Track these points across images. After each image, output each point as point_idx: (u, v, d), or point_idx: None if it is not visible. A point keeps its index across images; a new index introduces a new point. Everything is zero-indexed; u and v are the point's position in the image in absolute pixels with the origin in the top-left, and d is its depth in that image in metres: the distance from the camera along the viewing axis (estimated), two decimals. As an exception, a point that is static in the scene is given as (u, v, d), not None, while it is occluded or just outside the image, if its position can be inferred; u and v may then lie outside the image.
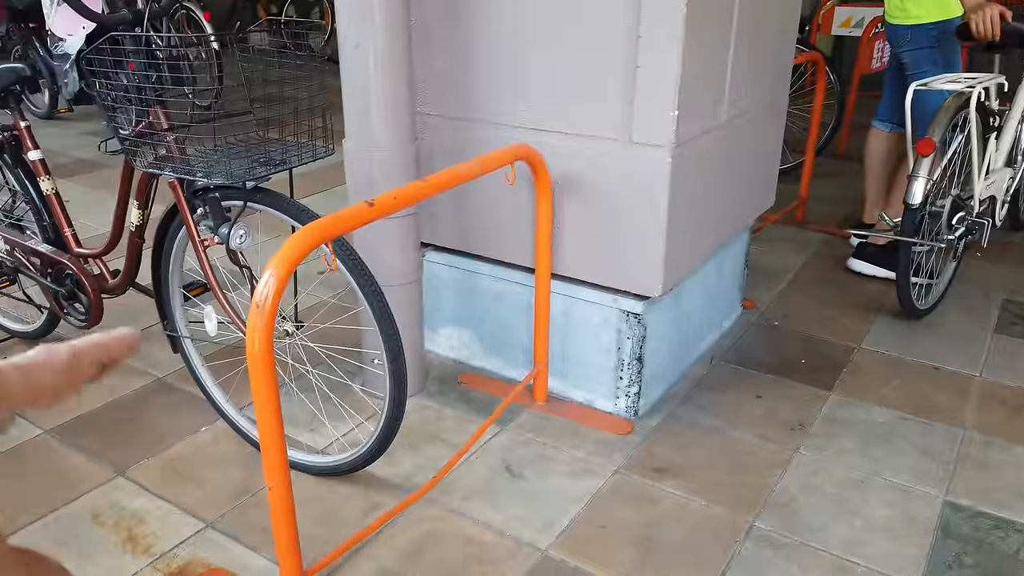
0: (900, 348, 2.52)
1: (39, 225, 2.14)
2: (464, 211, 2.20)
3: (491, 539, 1.71)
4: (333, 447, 2.02)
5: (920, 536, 1.73)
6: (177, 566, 1.64)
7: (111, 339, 0.35)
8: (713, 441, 2.04)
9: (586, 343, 2.13)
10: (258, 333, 1.26)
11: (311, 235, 1.31)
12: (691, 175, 1.95)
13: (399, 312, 2.08)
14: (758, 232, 3.41)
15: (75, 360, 0.33)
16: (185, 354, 2.02)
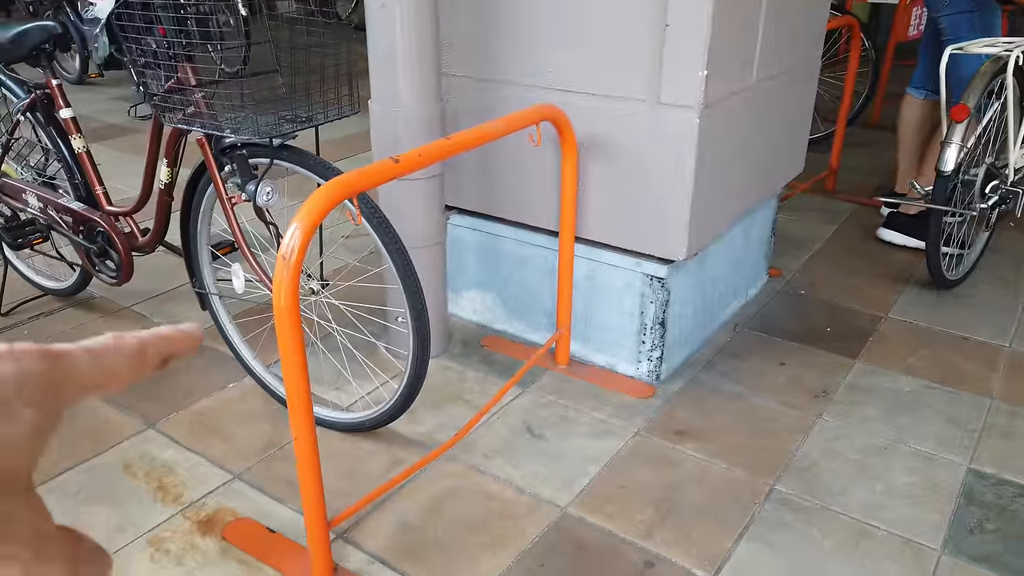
0: (928, 318, 2.49)
1: (71, 183, 2.18)
2: (489, 174, 2.19)
3: (511, 496, 1.73)
4: (357, 405, 2.05)
5: (942, 502, 1.72)
6: (205, 514, 1.68)
7: (176, 332, 0.34)
8: (735, 406, 2.04)
9: (609, 307, 2.13)
10: (284, 286, 1.28)
11: (336, 189, 1.32)
12: (719, 137, 1.93)
13: (423, 274, 2.09)
14: (786, 200, 3.36)
15: (143, 349, 0.32)
16: (213, 312, 2.06)
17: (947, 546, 1.60)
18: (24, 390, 0.28)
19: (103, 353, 0.31)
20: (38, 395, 0.28)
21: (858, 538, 1.62)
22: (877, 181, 3.64)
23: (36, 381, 0.28)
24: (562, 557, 1.57)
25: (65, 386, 0.29)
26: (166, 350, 0.33)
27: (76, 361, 0.30)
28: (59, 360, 0.29)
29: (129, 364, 0.32)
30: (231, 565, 1.55)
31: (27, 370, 0.28)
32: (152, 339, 0.33)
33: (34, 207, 2.25)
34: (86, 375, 0.30)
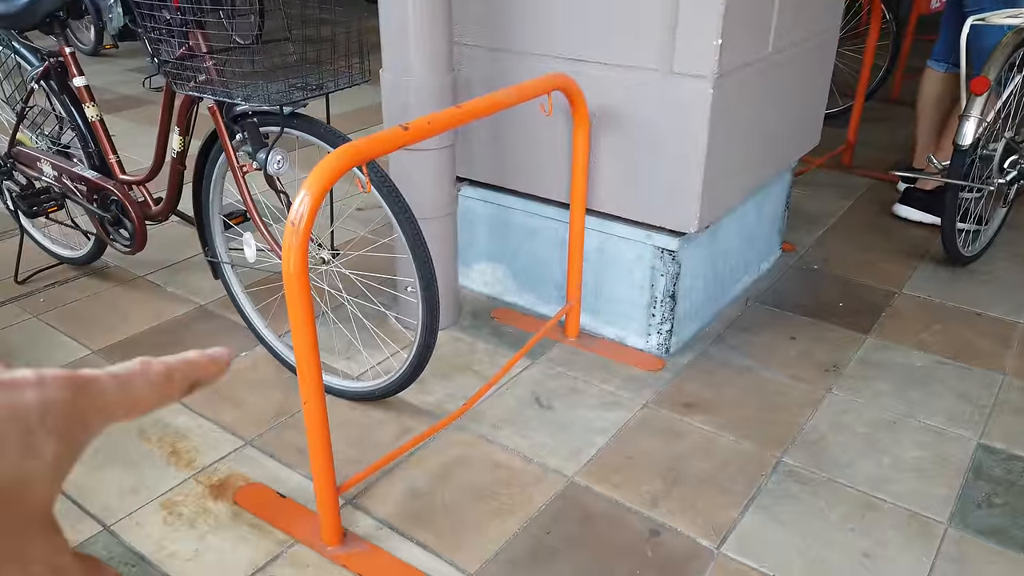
0: (942, 294, 2.46)
1: (85, 152, 2.19)
2: (500, 145, 2.19)
3: (519, 465, 1.74)
4: (367, 374, 2.06)
5: (951, 477, 1.72)
6: (217, 479, 1.71)
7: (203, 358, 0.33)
8: (744, 380, 2.04)
9: (619, 280, 2.12)
10: (293, 252, 1.29)
11: (345, 156, 1.32)
12: (733, 108, 1.91)
13: (434, 246, 2.09)
14: (801, 175, 3.33)
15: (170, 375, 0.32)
16: (225, 281, 2.07)
17: (954, 519, 1.60)
18: (48, 419, 0.27)
19: (129, 379, 0.30)
20: (62, 424, 0.28)
21: (864, 510, 1.63)
22: (895, 156, 3.60)
23: (60, 410, 0.28)
24: (568, 525, 1.59)
25: (90, 415, 0.29)
26: (193, 376, 0.33)
27: (102, 388, 0.29)
28: (85, 387, 0.29)
29: (155, 391, 0.31)
30: (243, 528, 1.58)
31: (52, 398, 0.28)
32: (179, 365, 0.32)
33: (49, 175, 2.27)
34: (112, 403, 0.30)
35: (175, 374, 0.32)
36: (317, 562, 1.50)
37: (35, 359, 2.12)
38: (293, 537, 1.55)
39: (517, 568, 1.49)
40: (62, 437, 0.28)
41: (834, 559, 1.51)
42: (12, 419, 0.26)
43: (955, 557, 1.52)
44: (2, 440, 0.26)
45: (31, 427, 0.27)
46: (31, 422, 0.27)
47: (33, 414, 0.27)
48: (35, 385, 0.27)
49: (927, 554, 1.52)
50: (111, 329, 2.26)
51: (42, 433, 0.27)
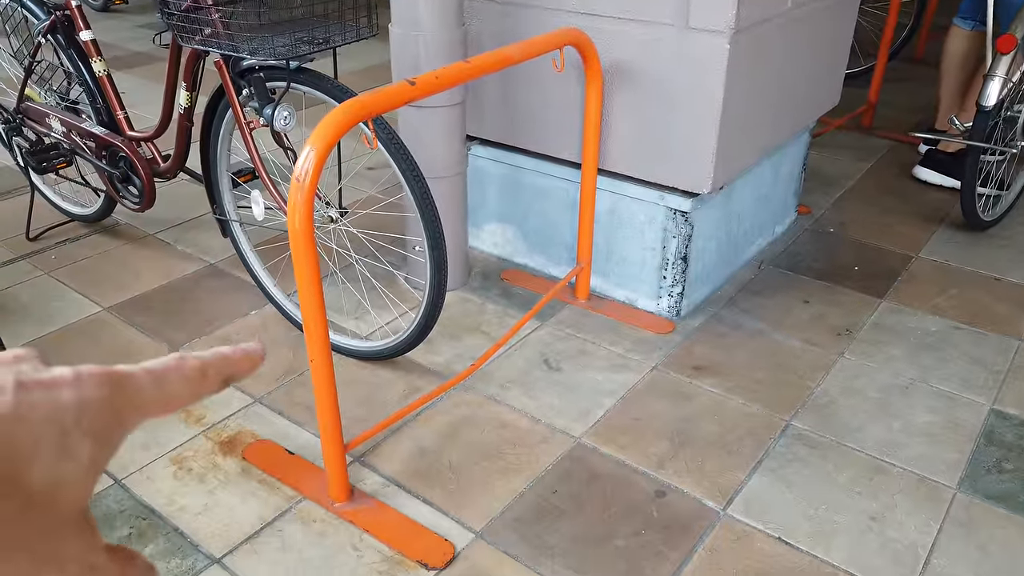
0: (960, 258, 2.42)
1: (93, 107, 2.17)
2: (511, 102, 2.15)
3: (526, 425, 1.74)
4: (376, 334, 2.06)
5: (962, 442, 1.71)
6: (227, 436, 1.72)
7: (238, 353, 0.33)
8: (755, 343, 2.02)
9: (631, 241, 2.10)
10: (299, 208, 1.27)
11: (351, 111, 1.30)
12: (750, 65, 1.86)
13: (443, 205, 2.08)
14: (820, 136, 3.27)
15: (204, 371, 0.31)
16: (234, 239, 2.07)
17: (963, 484, 1.59)
18: (84, 420, 0.27)
19: (165, 375, 0.30)
20: (98, 424, 0.28)
21: (873, 474, 1.62)
22: (917, 118, 3.52)
23: (97, 409, 0.28)
24: (575, 485, 1.59)
25: (125, 412, 0.29)
26: (227, 371, 0.32)
27: (139, 385, 0.29)
28: (121, 385, 0.29)
29: (190, 387, 0.31)
30: (252, 484, 1.59)
31: (88, 397, 0.27)
32: (214, 360, 0.32)
33: (57, 131, 2.25)
34: (148, 400, 0.29)
35: (209, 369, 0.32)
36: (324, 517, 1.51)
37: (47, 316, 2.13)
38: (301, 493, 1.57)
39: (522, 526, 1.49)
40: (98, 437, 0.27)
41: (840, 521, 1.51)
42: (48, 421, 0.26)
43: (963, 521, 1.51)
44: (38, 443, 0.26)
45: (67, 429, 0.27)
46: (67, 424, 0.27)
47: (69, 415, 0.27)
48: (72, 384, 0.27)
49: (935, 518, 1.52)
50: (122, 287, 2.27)
51: (78, 435, 0.27)
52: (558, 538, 1.47)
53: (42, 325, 2.10)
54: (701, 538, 1.47)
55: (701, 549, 1.45)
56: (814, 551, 1.44)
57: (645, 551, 1.45)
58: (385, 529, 1.48)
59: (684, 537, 1.47)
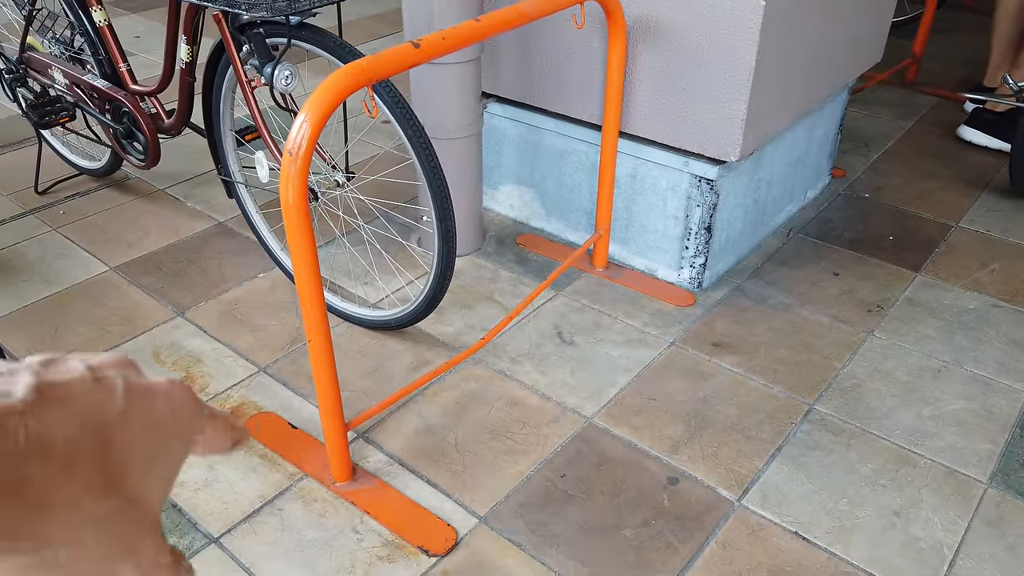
0: (1003, 229, 2.29)
1: (95, 59, 2.09)
2: (529, 59, 2.03)
3: (536, 403, 1.68)
4: (384, 302, 2.00)
5: (996, 432, 1.62)
6: (230, 407, 1.68)
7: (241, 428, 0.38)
8: (780, 319, 1.93)
9: (652, 208, 2.00)
10: (292, 182, 1.20)
11: (348, 77, 1.21)
12: (786, 22, 1.72)
13: (457, 167, 1.99)
14: (859, 93, 3.10)
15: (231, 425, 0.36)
16: (240, 200, 2.00)
17: (995, 479, 1.51)
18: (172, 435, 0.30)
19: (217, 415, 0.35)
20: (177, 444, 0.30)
21: (899, 465, 1.54)
22: (965, 73, 3.32)
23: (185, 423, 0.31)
24: (584, 468, 1.53)
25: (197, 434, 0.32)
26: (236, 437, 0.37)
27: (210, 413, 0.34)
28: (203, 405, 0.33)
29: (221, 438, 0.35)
30: (253, 460, 1.56)
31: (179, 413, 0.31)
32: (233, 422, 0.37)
33: (61, 83, 2.18)
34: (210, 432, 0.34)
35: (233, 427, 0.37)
36: (325, 497, 1.47)
37: (52, 275, 2.10)
38: (302, 470, 1.53)
39: (528, 512, 1.45)
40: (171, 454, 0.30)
41: (862, 517, 1.44)
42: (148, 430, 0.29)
43: (993, 520, 1.43)
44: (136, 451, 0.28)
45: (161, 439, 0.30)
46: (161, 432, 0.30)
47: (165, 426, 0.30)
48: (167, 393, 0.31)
49: (963, 516, 1.44)
50: (130, 245, 2.22)
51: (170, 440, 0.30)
52: (564, 526, 1.42)
53: (48, 285, 2.06)
54: (714, 531, 1.41)
55: (713, 542, 1.39)
56: (832, 548, 1.38)
57: (654, 543, 1.39)
58: (386, 511, 1.44)
59: (696, 529, 1.41)
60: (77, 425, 0.27)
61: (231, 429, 0.36)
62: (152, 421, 0.29)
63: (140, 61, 3.36)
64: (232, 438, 0.36)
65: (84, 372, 0.29)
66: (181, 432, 0.31)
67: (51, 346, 1.85)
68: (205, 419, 0.33)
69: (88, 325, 1.92)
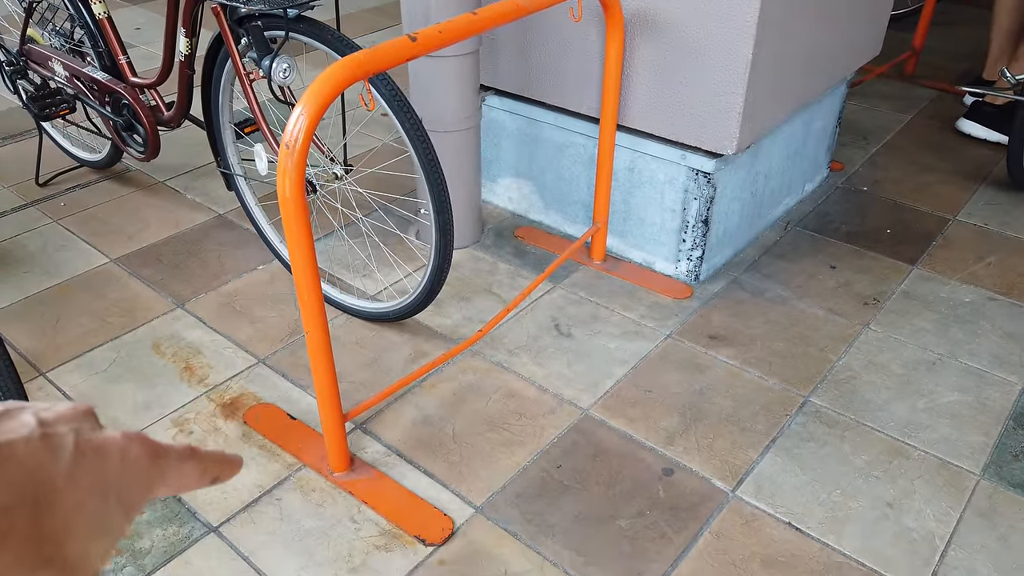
0: (1000, 222, 2.29)
1: (95, 51, 2.10)
2: (527, 52, 2.03)
3: (533, 394, 1.69)
4: (383, 294, 2.01)
5: (989, 424, 1.63)
6: (229, 398, 1.70)
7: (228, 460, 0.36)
8: (776, 311, 1.94)
9: (650, 201, 2.00)
10: (289, 175, 1.20)
11: (344, 71, 1.21)
12: (783, 17, 1.72)
13: (455, 160, 1.99)
14: (858, 86, 3.10)
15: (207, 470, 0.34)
16: (239, 192, 2.01)
17: (987, 471, 1.52)
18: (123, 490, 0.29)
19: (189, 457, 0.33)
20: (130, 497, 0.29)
21: (892, 457, 1.55)
22: (964, 66, 3.31)
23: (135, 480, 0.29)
24: (580, 460, 1.54)
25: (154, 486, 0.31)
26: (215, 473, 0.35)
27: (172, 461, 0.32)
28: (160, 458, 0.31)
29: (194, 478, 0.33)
30: (252, 450, 1.57)
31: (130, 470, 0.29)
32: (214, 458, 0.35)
33: (61, 76, 2.19)
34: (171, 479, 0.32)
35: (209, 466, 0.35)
36: (323, 487, 1.49)
37: (53, 266, 2.11)
38: (301, 461, 1.54)
39: (524, 502, 1.46)
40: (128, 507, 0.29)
41: (855, 508, 1.45)
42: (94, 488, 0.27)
43: (985, 511, 1.44)
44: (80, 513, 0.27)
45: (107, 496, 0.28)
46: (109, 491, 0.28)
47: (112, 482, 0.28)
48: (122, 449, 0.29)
49: (955, 507, 1.45)
50: (130, 237, 2.23)
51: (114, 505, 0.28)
52: (560, 516, 1.44)
53: (49, 276, 2.07)
54: (708, 521, 1.42)
55: (707, 533, 1.40)
56: (825, 538, 1.39)
57: (649, 533, 1.41)
58: (384, 501, 1.46)
59: (690, 519, 1.43)
60: (15, 494, 0.25)
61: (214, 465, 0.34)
62: (102, 481, 0.27)
63: (140, 53, 3.36)
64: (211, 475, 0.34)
65: (32, 430, 0.27)
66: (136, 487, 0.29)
67: (52, 337, 1.86)
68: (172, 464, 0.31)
69: (89, 316, 1.93)
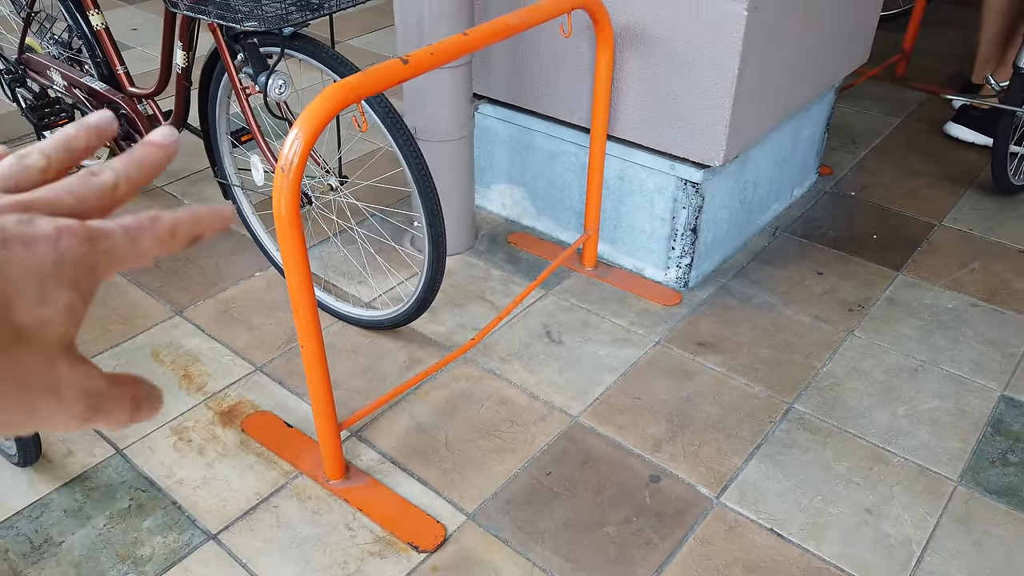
0: (985, 227, 2.33)
1: (93, 61, 2.13)
2: (519, 63, 2.06)
3: (524, 402, 1.74)
4: (378, 302, 2.05)
5: (968, 431, 1.67)
6: (227, 405, 1.74)
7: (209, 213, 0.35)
8: (763, 318, 1.98)
9: (639, 210, 2.04)
10: (284, 195, 1.24)
11: (338, 95, 1.25)
12: (769, 30, 1.76)
13: (449, 169, 2.03)
14: (849, 88, 3.13)
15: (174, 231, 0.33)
16: (236, 201, 2.04)
17: (965, 477, 1.57)
18: (62, 273, 0.30)
19: (138, 234, 0.32)
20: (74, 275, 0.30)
21: (873, 463, 1.60)
22: (955, 67, 3.35)
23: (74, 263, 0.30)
24: (569, 467, 1.59)
25: (100, 265, 0.31)
26: (196, 231, 0.34)
27: (114, 242, 0.31)
28: (98, 242, 0.31)
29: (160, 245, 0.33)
30: (250, 458, 1.61)
31: (67, 255, 0.30)
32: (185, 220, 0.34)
33: (59, 85, 2.21)
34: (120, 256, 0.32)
35: (179, 229, 0.34)
36: (319, 495, 1.53)
37: (54, 274, 2.14)
38: (297, 468, 1.58)
39: (514, 509, 1.50)
40: (74, 286, 0.30)
41: (835, 514, 1.49)
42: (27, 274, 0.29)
43: (961, 517, 1.49)
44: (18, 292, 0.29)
45: (44, 280, 0.29)
46: (45, 275, 0.29)
47: (48, 269, 0.29)
48: (52, 240, 0.30)
49: (932, 512, 1.50)
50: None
51: (54, 284, 0.30)
52: (549, 523, 1.48)
53: (49, 284, 2.10)
54: (692, 527, 1.47)
55: (692, 539, 1.45)
56: (806, 544, 1.44)
57: (635, 539, 1.45)
58: (378, 509, 1.50)
59: (675, 526, 1.47)
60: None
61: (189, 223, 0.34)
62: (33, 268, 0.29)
63: (137, 55, 3.39)
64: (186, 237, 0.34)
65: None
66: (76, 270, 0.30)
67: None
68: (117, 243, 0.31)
69: (89, 324, 1.97)
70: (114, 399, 0.33)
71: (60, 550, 1.43)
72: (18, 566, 1.41)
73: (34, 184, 0.33)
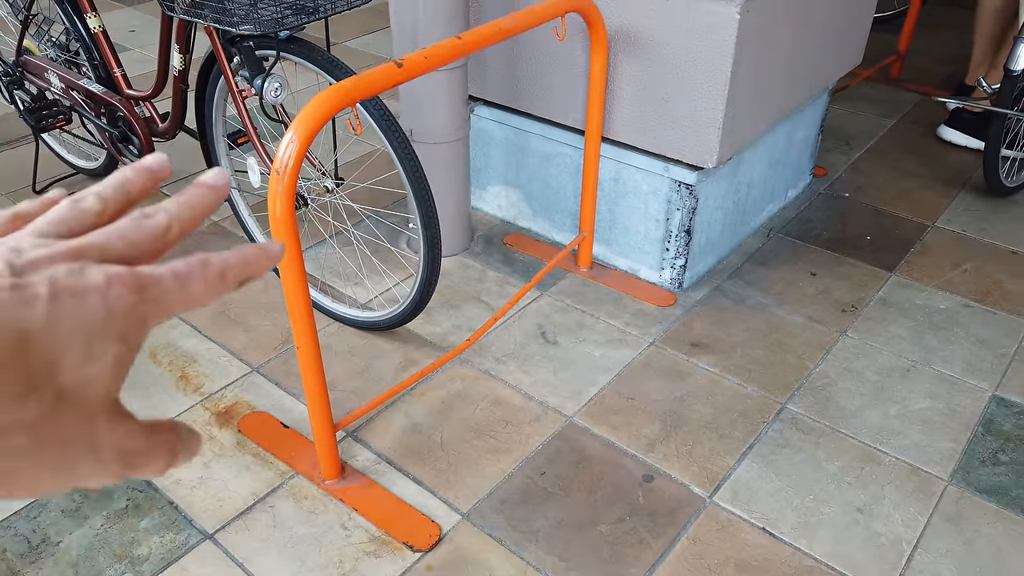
0: (978, 229, 2.35)
1: (90, 64, 2.14)
2: (515, 65, 2.08)
3: (519, 402, 1.75)
4: (374, 303, 2.06)
5: (959, 431, 1.69)
6: (224, 406, 1.75)
7: (257, 254, 0.34)
8: (756, 319, 1.99)
9: (634, 211, 2.05)
10: (279, 198, 1.25)
11: (333, 98, 1.26)
12: (762, 33, 1.77)
13: (445, 171, 2.04)
14: (843, 90, 3.14)
15: (224, 275, 0.32)
16: (232, 203, 2.05)
17: (955, 476, 1.58)
18: (111, 326, 0.28)
19: (188, 279, 0.31)
20: (123, 329, 0.29)
21: (864, 463, 1.61)
22: (950, 69, 3.36)
23: (123, 315, 0.29)
24: (563, 467, 1.60)
25: (149, 316, 0.30)
26: (245, 273, 0.33)
27: (164, 289, 0.30)
28: (148, 290, 0.30)
29: (209, 290, 0.32)
30: (246, 458, 1.62)
31: (115, 307, 0.28)
32: (234, 263, 0.33)
33: (57, 87, 2.22)
34: (170, 302, 0.30)
35: (229, 273, 0.33)
36: (315, 494, 1.54)
37: (52, 275, 2.15)
38: (293, 468, 1.60)
39: (509, 508, 1.52)
40: (123, 339, 0.29)
41: (827, 513, 1.51)
42: (76, 330, 0.28)
43: (951, 516, 1.50)
44: (65, 351, 0.27)
45: (93, 335, 0.28)
46: (94, 330, 0.28)
47: (97, 323, 0.28)
48: (102, 291, 0.28)
49: (923, 512, 1.51)
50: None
51: (102, 338, 0.28)
52: (543, 522, 1.49)
53: (47, 285, 2.11)
54: (685, 527, 1.48)
55: (684, 538, 1.46)
56: (797, 543, 1.45)
57: (629, 538, 1.46)
58: (373, 508, 1.51)
59: (668, 525, 1.49)
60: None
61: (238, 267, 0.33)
62: (83, 325, 0.28)
63: (135, 56, 3.40)
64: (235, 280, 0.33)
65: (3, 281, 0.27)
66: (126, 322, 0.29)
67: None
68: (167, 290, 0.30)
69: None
70: (151, 452, 0.31)
71: (58, 550, 1.44)
72: (16, 566, 1.42)
73: (88, 228, 0.32)
